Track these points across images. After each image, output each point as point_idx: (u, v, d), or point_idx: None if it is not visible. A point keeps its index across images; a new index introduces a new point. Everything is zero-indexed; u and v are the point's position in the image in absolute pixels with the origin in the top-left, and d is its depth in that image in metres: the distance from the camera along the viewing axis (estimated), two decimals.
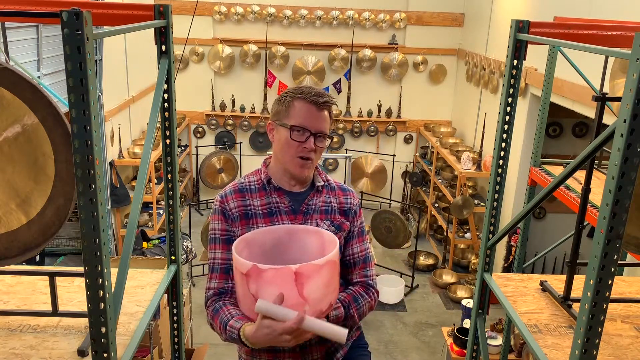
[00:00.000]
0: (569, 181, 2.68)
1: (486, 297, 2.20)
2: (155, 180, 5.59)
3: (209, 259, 1.79)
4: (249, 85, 7.05)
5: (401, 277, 5.45)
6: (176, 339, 2.08)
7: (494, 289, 2.06)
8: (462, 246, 6.04)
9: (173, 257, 2.02)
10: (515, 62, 1.94)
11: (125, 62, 5.47)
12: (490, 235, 2.13)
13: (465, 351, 3.31)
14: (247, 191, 1.77)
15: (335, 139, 7.17)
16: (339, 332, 1.49)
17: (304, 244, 1.73)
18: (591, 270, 1.32)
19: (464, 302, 4.00)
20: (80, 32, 1.14)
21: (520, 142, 4.91)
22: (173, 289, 2.01)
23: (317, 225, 1.77)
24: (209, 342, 4.09)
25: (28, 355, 1.53)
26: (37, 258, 4.07)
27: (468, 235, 5.85)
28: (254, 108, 7.13)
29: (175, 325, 2.06)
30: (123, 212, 5.38)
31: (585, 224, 1.93)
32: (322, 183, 1.83)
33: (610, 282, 1.31)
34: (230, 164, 7.06)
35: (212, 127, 7.16)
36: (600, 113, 1.78)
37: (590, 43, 1.81)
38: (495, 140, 2.03)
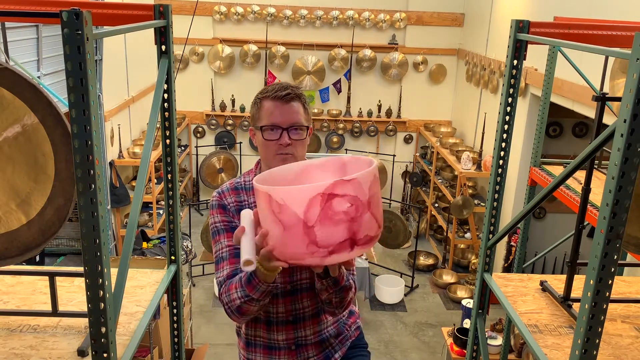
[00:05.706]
0: (569, 181, 2.68)
1: (486, 297, 2.20)
2: (155, 180, 5.58)
3: (214, 253, 1.77)
4: (249, 85, 7.05)
5: (401, 277, 5.45)
6: (176, 339, 2.08)
7: (494, 289, 2.06)
8: (462, 246, 6.04)
9: (173, 257, 2.02)
10: (515, 62, 1.94)
11: (125, 62, 5.47)
12: (490, 235, 2.13)
13: (465, 351, 3.31)
14: (243, 189, 1.80)
15: (335, 139, 7.18)
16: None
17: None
18: (591, 270, 1.32)
19: (464, 302, 4.00)
20: (80, 32, 1.14)
21: (520, 142, 4.91)
22: (173, 289, 2.02)
23: None
24: (209, 342, 4.09)
25: (28, 355, 1.53)
26: (37, 258, 4.06)
27: (468, 235, 5.85)
28: None
29: (175, 325, 2.06)
30: (123, 212, 5.37)
31: (585, 224, 1.93)
32: None
33: (610, 282, 1.31)
34: (230, 164, 7.06)
35: (212, 127, 7.15)
36: (600, 113, 1.78)
37: (590, 43, 1.81)
38: (495, 140, 2.03)
